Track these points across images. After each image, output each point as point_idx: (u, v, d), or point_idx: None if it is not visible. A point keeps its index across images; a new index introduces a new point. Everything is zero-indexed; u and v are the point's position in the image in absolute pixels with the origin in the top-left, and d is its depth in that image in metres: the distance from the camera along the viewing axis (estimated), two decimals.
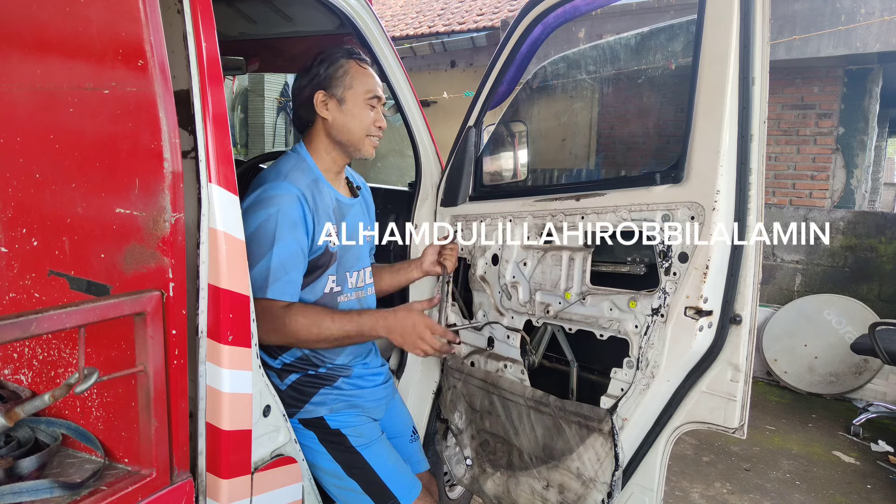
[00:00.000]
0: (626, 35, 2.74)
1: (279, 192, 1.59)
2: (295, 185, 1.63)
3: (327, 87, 1.70)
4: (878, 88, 5.82)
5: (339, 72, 1.70)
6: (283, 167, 1.69)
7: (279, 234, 1.57)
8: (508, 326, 2.12)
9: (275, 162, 1.77)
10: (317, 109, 1.71)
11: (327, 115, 1.71)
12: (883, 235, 4.96)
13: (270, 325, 1.56)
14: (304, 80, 1.72)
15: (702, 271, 1.59)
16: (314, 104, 1.71)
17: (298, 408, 1.72)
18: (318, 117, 1.72)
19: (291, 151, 1.78)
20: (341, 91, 1.70)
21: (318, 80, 1.70)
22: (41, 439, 1.28)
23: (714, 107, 1.57)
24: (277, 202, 1.58)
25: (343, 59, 1.72)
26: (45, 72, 1.26)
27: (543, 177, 3.01)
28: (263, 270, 1.56)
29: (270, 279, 1.56)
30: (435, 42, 7.84)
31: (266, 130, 9.47)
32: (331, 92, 1.70)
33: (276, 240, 1.56)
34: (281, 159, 1.75)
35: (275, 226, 1.56)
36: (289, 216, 1.58)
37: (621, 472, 1.77)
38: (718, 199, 1.57)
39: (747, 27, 1.52)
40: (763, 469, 3.54)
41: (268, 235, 1.56)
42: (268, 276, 1.56)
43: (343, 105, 1.71)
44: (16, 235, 1.32)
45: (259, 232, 1.56)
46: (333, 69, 1.70)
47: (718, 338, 1.61)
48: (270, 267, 1.56)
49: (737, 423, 1.59)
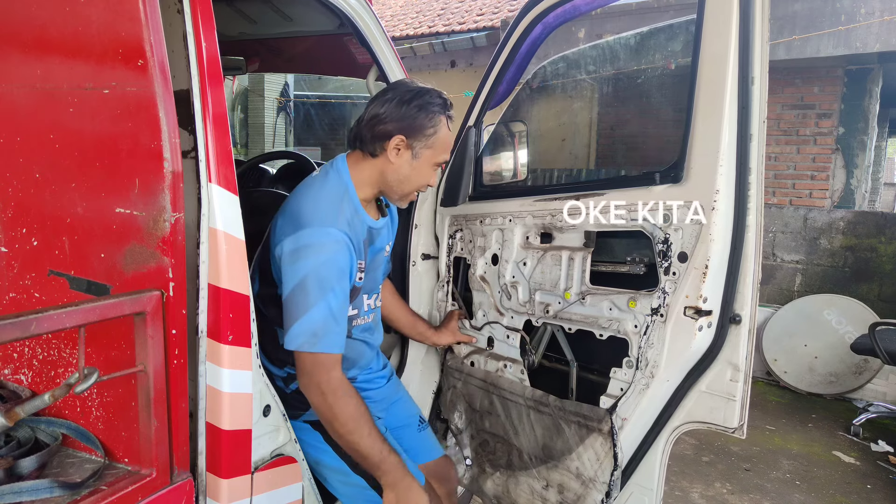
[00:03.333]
0: (625, 35, 2.75)
1: (328, 239, 1.50)
2: (341, 229, 1.53)
3: (410, 134, 1.57)
4: (878, 88, 5.82)
5: (430, 128, 1.59)
6: (326, 201, 1.56)
7: (330, 285, 1.48)
8: (508, 326, 2.12)
9: (312, 184, 1.62)
10: (386, 149, 1.58)
11: (393, 160, 1.59)
12: (883, 235, 4.96)
13: (317, 383, 1.48)
14: (390, 111, 1.57)
15: (701, 271, 1.59)
16: (387, 143, 1.58)
17: (304, 410, 1.70)
18: (382, 156, 1.60)
19: (332, 171, 1.64)
20: (421, 146, 1.60)
21: (405, 124, 1.56)
22: (41, 439, 1.28)
23: (713, 106, 1.56)
24: (327, 250, 1.49)
25: (439, 115, 1.60)
26: (45, 72, 1.26)
27: (543, 176, 3.02)
28: (314, 322, 1.46)
29: (322, 332, 1.47)
30: (435, 42, 7.85)
31: (266, 130, 9.47)
32: (410, 141, 1.58)
33: (327, 290, 1.47)
34: (322, 185, 1.61)
35: (326, 275, 1.48)
36: (338, 264, 1.50)
37: (620, 471, 1.77)
38: (718, 198, 1.57)
39: (747, 27, 1.51)
40: (763, 469, 3.54)
41: (318, 285, 1.47)
42: (319, 330, 1.46)
43: (415, 160, 1.61)
44: (16, 235, 1.32)
45: (308, 281, 1.46)
46: (426, 121, 1.58)
47: (718, 337, 1.61)
48: (323, 319, 1.47)
49: (736, 423, 1.58)
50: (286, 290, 1.50)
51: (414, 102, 1.57)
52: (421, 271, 2.35)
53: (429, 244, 2.39)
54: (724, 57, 1.54)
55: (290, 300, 1.48)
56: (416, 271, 2.33)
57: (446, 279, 2.34)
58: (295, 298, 1.47)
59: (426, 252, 2.38)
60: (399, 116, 1.57)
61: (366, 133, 1.60)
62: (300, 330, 1.46)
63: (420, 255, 2.37)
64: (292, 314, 1.48)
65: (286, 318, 1.49)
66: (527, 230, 2.06)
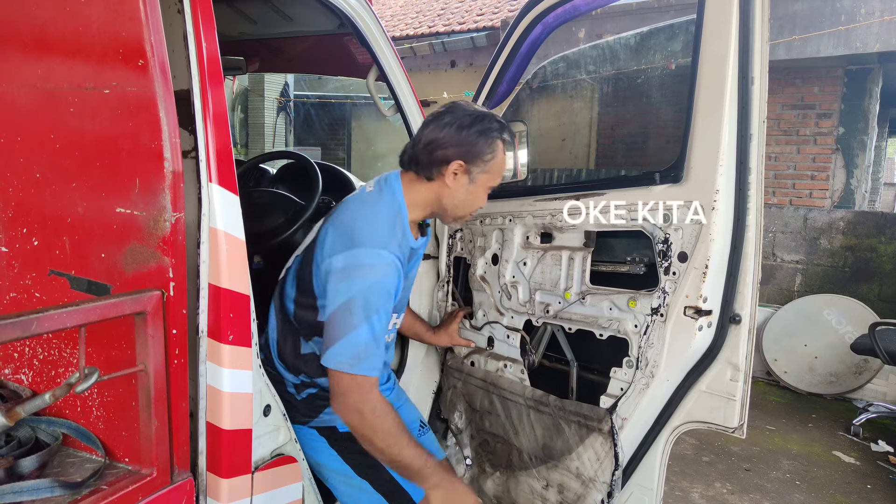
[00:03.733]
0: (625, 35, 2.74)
1: (381, 261, 1.49)
2: (393, 252, 1.52)
3: (469, 160, 1.56)
4: (878, 88, 5.82)
5: (489, 154, 1.57)
6: (381, 222, 1.55)
7: (376, 307, 1.47)
8: (508, 326, 2.12)
9: (367, 200, 1.60)
10: (444, 174, 1.57)
11: (450, 184, 1.58)
12: (883, 235, 4.96)
13: (354, 404, 1.46)
14: (449, 136, 1.54)
15: (701, 271, 1.59)
16: (445, 168, 1.56)
17: (312, 417, 1.71)
18: (439, 179, 1.59)
19: (387, 190, 1.61)
20: (478, 171, 1.58)
21: (465, 149, 1.55)
22: (42, 439, 1.28)
23: (713, 106, 1.57)
24: (378, 272, 1.48)
25: (498, 139, 1.58)
26: (45, 71, 1.26)
27: (543, 176, 3.02)
28: (357, 345, 1.45)
29: (363, 355, 1.46)
30: (435, 42, 7.85)
31: (266, 130, 9.46)
32: (469, 167, 1.57)
33: (372, 313, 1.46)
34: (378, 204, 1.58)
35: (374, 297, 1.47)
36: (386, 287, 1.49)
37: (621, 471, 1.77)
38: (718, 198, 1.57)
39: (746, 26, 1.52)
40: (763, 469, 3.54)
41: (365, 306, 1.45)
42: (361, 352, 1.45)
43: (471, 185, 1.60)
44: (16, 235, 1.32)
45: (356, 301, 1.45)
46: (486, 147, 1.56)
47: (718, 337, 1.61)
48: (365, 342, 1.46)
49: (736, 423, 1.59)
50: (331, 307, 1.48)
51: (474, 128, 1.55)
52: (421, 271, 2.35)
53: (429, 244, 2.39)
54: (724, 57, 1.54)
55: (334, 318, 1.47)
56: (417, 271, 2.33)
57: (446, 279, 2.34)
58: (340, 317, 1.46)
59: (426, 252, 2.38)
60: (459, 142, 1.55)
61: (423, 157, 1.58)
62: (342, 350, 1.45)
63: None
64: (335, 332, 1.46)
65: (328, 335, 1.48)
66: (527, 230, 2.06)
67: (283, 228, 2.30)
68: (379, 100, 2.36)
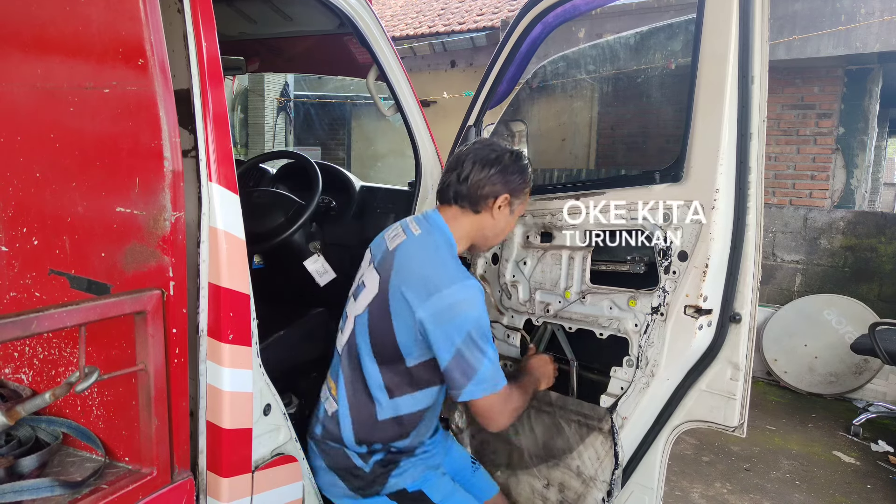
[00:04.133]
0: (625, 34, 2.74)
1: (475, 290, 1.56)
2: (472, 278, 1.61)
3: (513, 193, 1.68)
4: (878, 88, 5.82)
5: (526, 187, 1.73)
6: (448, 258, 1.62)
7: (490, 334, 1.59)
8: (508, 325, 2.12)
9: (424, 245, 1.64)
10: (493, 208, 1.67)
11: (496, 216, 1.68)
12: (883, 235, 4.96)
13: (509, 411, 1.62)
14: (497, 174, 1.65)
15: (701, 270, 1.59)
16: (493, 200, 1.66)
17: (383, 484, 1.70)
18: (486, 212, 1.68)
19: (436, 230, 1.67)
20: (518, 202, 1.72)
21: (512, 186, 1.67)
22: (42, 438, 1.28)
23: (713, 105, 1.57)
24: (478, 301, 1.55)
25: (530, 173, 1.74)
26: (45, 71, 1.26)
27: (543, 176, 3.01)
28: (489, 369, 1.55)
29: (497, 374, 1.57)
30: (435, 42, 7.85)
31: (266, 130, 9.46)
32: (512, 199, 1.69)
33: (489, 338, 1.58)
34: (436, 245, 1.64)
35: (485, 324, 1.57)
36: (485, 311, 1.59)
37: (621, 470, 1.77)
38: (718, 197, 1.57)
39: (746, 26, 1.52)
40: (763, 469, 3.54)
41: (481, 335, 1.54)
42: (494, 374, 1.56)
43: (511, 215, 1.73)
44: (16, 234, 1.32)
45: (472, 334, 1.52)
46: (525, 181, 1.71)
47: (718, 336, 1.61)
48: (493, 365, 1.56)
49: (736, 422, 1.59)
50: (447, 352, 1.52)
51: (515, 165, 1.68)
52: None
53: None
54: (724, 56, 1.54)
55: (458, 359, 1.52)
56: None
57: None
58: (464, 355, 1.52)
59: None
60: (506, 178, 1.66)
61: (472, 193, 1.66)
62: (481, 382, 1.53)
63: None
64: (466, 370, 1.53)
65: (458, 376, 1.53)
66: (527, 229, 2.06)
67: (284, 228, 2.30)
68: (379, 100, 2.36)
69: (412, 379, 1.63)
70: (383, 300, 1.59)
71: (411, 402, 1.66)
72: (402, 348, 1.58)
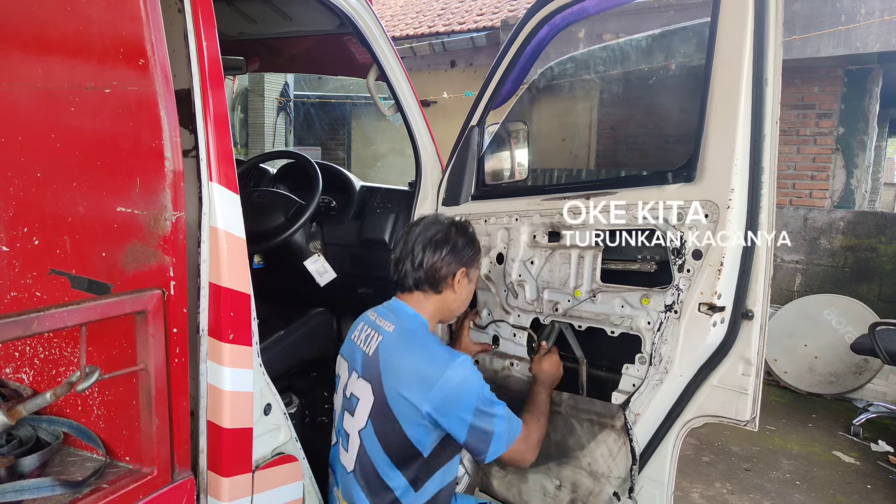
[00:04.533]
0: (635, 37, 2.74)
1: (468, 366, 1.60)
2: (461, 353, 1.64)
3: (468, 266, 1.74)
4: (878, 88, 5.82)
5: (477, 254, 1.78)
6: (431, 344, 1.66)
7: (494, 397, 1.62)
8: (515, 325, 2.13)
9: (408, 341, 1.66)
10: (453, 285, 1.72)
11: (457, 290, 1.74)
12: (883, 235, 4.96)
13: (531, 446, 1.69)
14: (448, 256, 1.70)
15: (716, 268, 1.61)
16: (452, 279, 1.72)
17: None
18: (447, 290, 1.73)
19: (407, 318, 1.70)
20: (473, 270, 1.78)
21: (465, 260, 1.73)
22: (43, 437, 1.29)
23: (728, 107, 1.58)
24: (472, 376, 1.60)
25: (478, 240, 1.79)
26: (46, 71, 1.26)
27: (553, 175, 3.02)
28: (505, 426, 1.60)
29: (512, 425, 1.63)
30: (435, 42, 7.85)
31: (266, 130, 9.47)
32: (468, 270, 1.75)
33: (496, 402, 1.61)
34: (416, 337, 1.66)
35: (486, 391, 1.60)
36: (482, 379, 1.63)
37: (638, 466, 1.78)
38: (733, 197, 1.59)
39: (761, 29, 1.53)
40: (763, 469, 3.55)
41: (489, 403, 1.59)
42: (509, 426, 1.61)
43: (469, 283, 1.78)
44: (17, 234, 1.32)
45: (481, 404, 1.57)
46: (475, 249, 1.76)
47: (731, 333, 1.63)
48: (507, 418, 1.62)
49: (749, 416, 1.61)
50: (463, 430, 1.56)
51: (462, 239, 1.74)
52: None
53: None
54: (740, 59, 1.56)
55: (473, 432, 1.57)
56: None
57: None
58: (478, 427, 1.57)
59: None
60: (459, 257, 1.72)
61: (431, 277, 1.71)
62: (499, 439, 1.59)
63: None
64: (482, 439, 1.58)
65: (479, 444, 1.58)
66: (534, 229, 2.07)
67: (284, 228, 2.30)
68: (379, 99, 2.37)
69: (433, 464, 1.65)
70: (384, 406, 1.59)
71: (440, 480, 1.68)
72: (417, 444, 1.60)
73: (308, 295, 2.43)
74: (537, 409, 1.79)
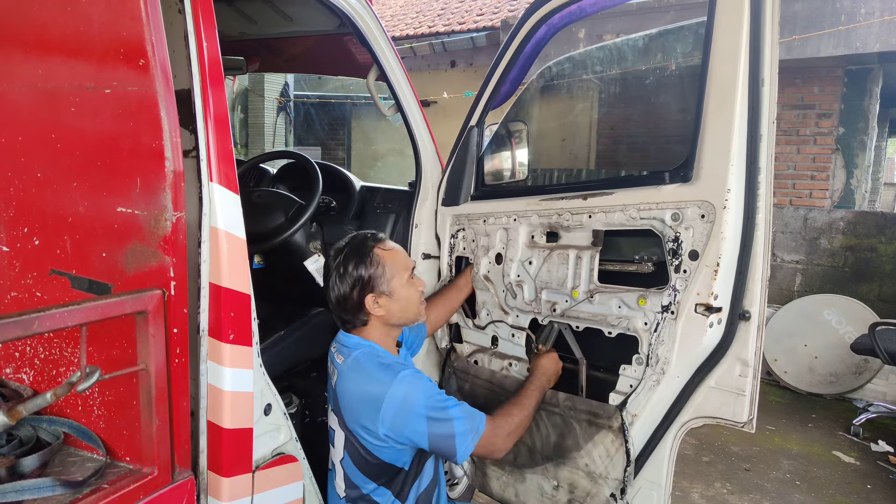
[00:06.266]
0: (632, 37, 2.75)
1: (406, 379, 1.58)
2: (400, 369, 1.63)
3: (374, 288, 1.65)
4: (878, 88, 5.82)
5: (378, 269, 1.65)
6: (373, 367, 1.63)
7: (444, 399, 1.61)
8: (513, 325, 2.13)
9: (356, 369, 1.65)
10: (370, 311, 1.67)
11: (382, 312, 1.67)
12: (883, 235, 4.96)
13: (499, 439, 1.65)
14: (344, 287, 1.64)
15: (713, 268, 1.60)
16: (366, 308, 1.66)
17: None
18: (372, 317, 1.69)
19: (358, 351, 1.67)
20: (386, 285, 1.66)
21: (362, 285, 1.64)
22: (43, 438, 1.29)
23: (725, 107, 1.58)
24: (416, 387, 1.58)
25: (371, 252, 1.66)
26: (46, 71, 1.26)
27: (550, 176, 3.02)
28: (464, 424, 1.59)
29: (472, 420, 1.61)
30: (435, 42, 7.84)
31: (266, 130, 9.47)
32: (378, 291, 1.65)
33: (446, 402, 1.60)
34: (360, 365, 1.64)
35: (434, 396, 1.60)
36: (428, 385, 1.62)
37: (633, 467, 1.78)
38: (729, 197, 1.58)
39: (757, 29, 1.53)
40: (763, 469, 3.55)
41: (441, 407, 1.58)
42: (470, 423, 1.60)
43: (393, 296, 1.68)
44: (17, 234, 1.32)
45: (432, 412, 1.56)
46: (372, 269, 1.65)
47: (728, 334, 1.63)
48: (465, 415, 1.60)
49: (746, 417, 1.61)
50: (423, 439, 1.57)
51: (349, 264, 1.65)
52: (421, 271, 2.35)
53: (429, 244, 2.39)
54: (735, 58, 1.55)
55: (434, 438, 1.57)
56: (417, 271, 2.34)
57: (448, 278, 2.34)
58: (437, 433, 1.56)
59: (427, 252, 2.38)
60: (352, 285, 1.64)
61: (347, 315, 1.69)
62: (463, 438, 1.57)
63: (421, 255, 2.37)
64: (445, 442, 1.57)
65: (444, 448, 1.58)
66: (532, 229, 2.07)
67: (284, 228, 2.30)
68: (379, 99, 2.37)
69: (415, 472, 1.69)
70: (352, 439, 1.65)
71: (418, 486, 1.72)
72: (394, 462, 1.64)
73: (308, 295, 2.43)
74: (517, 402, 1.77)
